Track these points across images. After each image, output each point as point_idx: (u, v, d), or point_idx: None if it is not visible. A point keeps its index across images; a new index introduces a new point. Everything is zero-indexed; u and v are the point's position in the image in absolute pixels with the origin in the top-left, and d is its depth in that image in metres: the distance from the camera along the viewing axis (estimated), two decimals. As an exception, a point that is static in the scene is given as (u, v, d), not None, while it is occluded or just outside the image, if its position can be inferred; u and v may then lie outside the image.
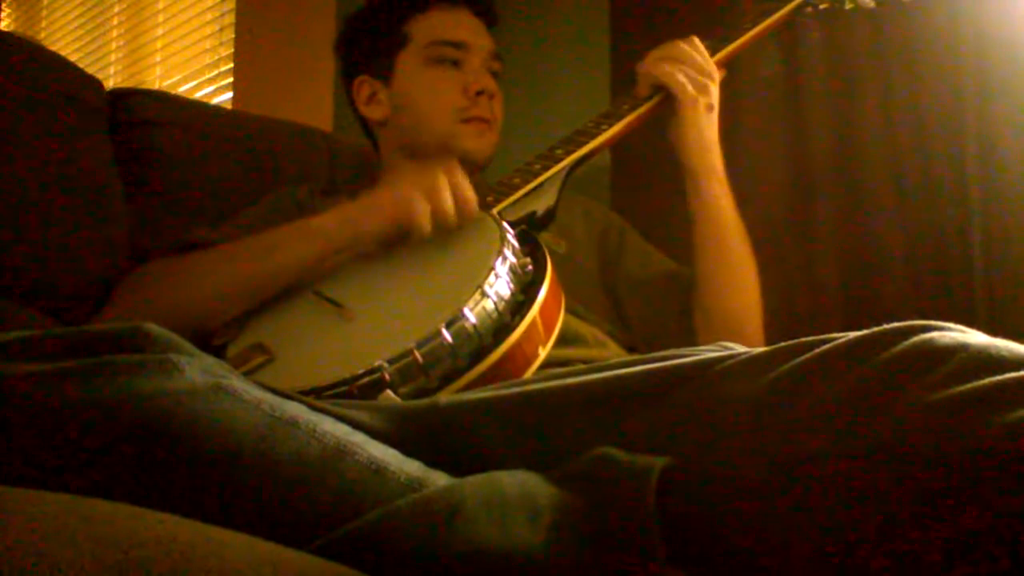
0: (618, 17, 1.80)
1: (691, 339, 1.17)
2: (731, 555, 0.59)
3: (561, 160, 1.11)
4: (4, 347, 0.63)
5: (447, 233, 0.98)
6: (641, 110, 1.18)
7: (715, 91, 1.18)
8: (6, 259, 1.19)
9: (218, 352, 0.97)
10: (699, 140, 1.17)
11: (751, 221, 1.21)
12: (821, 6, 1.34)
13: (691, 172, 1.18)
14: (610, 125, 1.16)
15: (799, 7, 1.32)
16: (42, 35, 3.33)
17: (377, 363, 0.83)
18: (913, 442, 0.53)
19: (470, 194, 1.00)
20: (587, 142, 1.13)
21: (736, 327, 1.16)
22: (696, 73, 1.17)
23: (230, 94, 2.53)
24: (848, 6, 1.34)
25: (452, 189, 0.99)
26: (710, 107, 1.18)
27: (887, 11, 1.38)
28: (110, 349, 0.63)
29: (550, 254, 0.97)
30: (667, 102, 1.19)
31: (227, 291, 1.03)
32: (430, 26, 1.30)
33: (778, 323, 1.23)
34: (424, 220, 0.97)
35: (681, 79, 1.16)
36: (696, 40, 1.20)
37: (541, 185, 1.08)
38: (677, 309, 1.22)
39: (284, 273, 1.03)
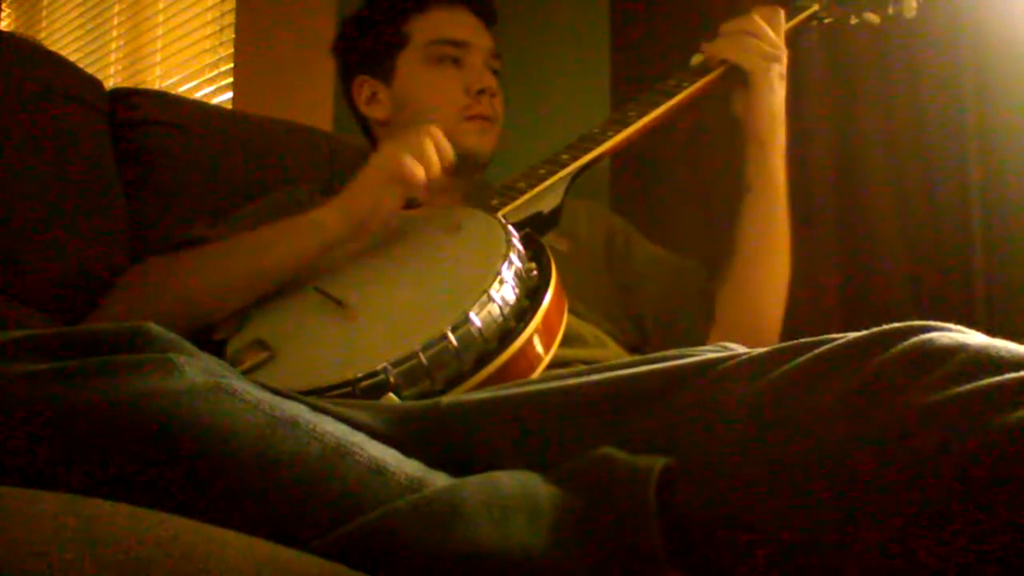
0: (618, 17, 1.80)
1: (707, 325, 1.18)
2: (731, 555, 0.59)
3: (567, 165, 1.11)
4: (4, 347, 0.63)
5: (432, 174, 1.01)
6: (646, 119, 1.17)
7: (785, 59, 1.20)
8: (6, 259, 1.19)
9: (218, 347, 0.97)
10: (773, 110, 1.19)
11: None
12: (826, 21, 1.34)
13: (758, 140, 1.19)
14: (616, 132, 1.16)
15: (804, 22, 1.32)
16: (42, 35, 3.32)
17: (381, 365, 0.83)
18: (913, 443, 0.53)
19: (446, 144, 1.04)
20: (593, 148, 1.13)
21: (760, 311, 1.18)
22: (767, 45, 1.19)
23: (230, 94, 2.53)
24: (853, 21, 1.33)
25: (427, 135, 1.02)
26: (782, 76, 1.20)
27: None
28: (110, 349, 0.63)
29: (552, 253, 0.98)
30: (687, 101, 1.20)
31: (224, 287, 1.03)
32: (430, 25, 1.31)
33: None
34: (414, 169, 0.99)
35: (752, 55, 1.18)
36: (779, 11, 1.22)
37: (545, 189, 1.08)
38: (696, 296, 1.23)
39: (282, 268, 1.03)
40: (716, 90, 1.23)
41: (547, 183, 1.09)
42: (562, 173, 1.10)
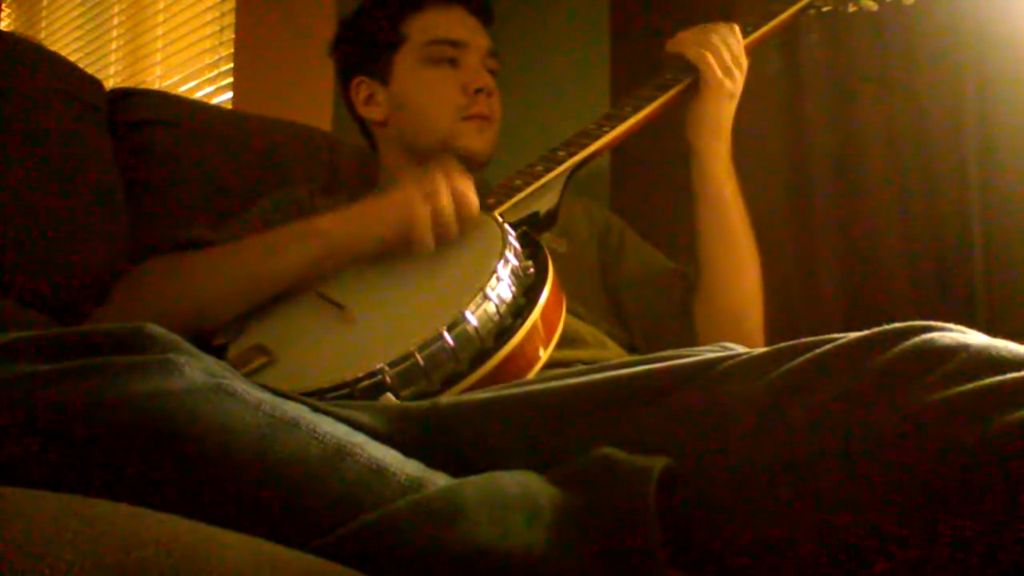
0: (618, 16, 1.80)
1: (691, 337, 1.17)
2: (731, 555, 0.59)
3: (563, 162, 1.11)
4: (4, 347, 0.63)
5: (448, 240, 0.98)
6: (642, 113, 1.18)
7: (740, 80, 1.19)
8: (6, 259, 1.19)
9: (219, 352, 0.97)
10: (713, 124, 1.18)
11: (750, 221, 1.21)
12: (824, 8, 1.34)
13: (696, 153, 1.19)
14: (612, 127, 1.16)
15: (802, 9, 1.31)
16: (42, 35, 3.32)
17: (378, 366, 0.83)
18: (914, 442, 0.53)
19: (471, 195, 0.99)
20: (589, 144, 1.13)
21: (738, 316, 1.16)
22: (728, 58, 1.18)
23: (230, 94, 2.53)
24: (851, 9, 1.33)
25: (452, 191, 0.98)
26: (732, 95, 1.19)
27: (888, 12, 1.38)
28: (111, 349, 0.63)
29: (550, 254, 0.97)
30: (679, 97, 1.19)
31: (226, 292, 1.03)
32: (427, 25, 1.31)
33: (778, 323, 1.23)
34: (424, 226, 0.97)
35: (710, 60, 1.17)
36: (735, 28, 1.21)
37: (543, 187, 1.08)
38: (677, 308, 1.22)
39: (284, 275, 1.02)
40: None
41: (544, 180, 1.09)
42: (559, 169, 1.10)
